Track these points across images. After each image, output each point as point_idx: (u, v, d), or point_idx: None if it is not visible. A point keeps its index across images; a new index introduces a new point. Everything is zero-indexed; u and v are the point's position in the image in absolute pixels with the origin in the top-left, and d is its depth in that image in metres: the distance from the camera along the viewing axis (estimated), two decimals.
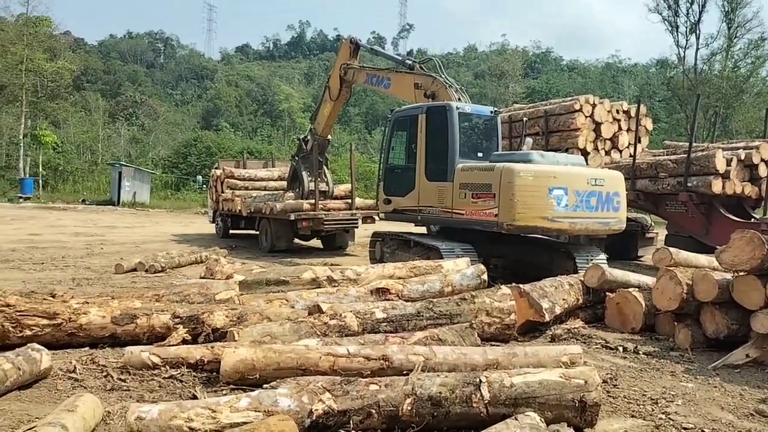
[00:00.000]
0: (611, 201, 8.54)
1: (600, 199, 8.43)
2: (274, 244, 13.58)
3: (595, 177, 8.48)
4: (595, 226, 8.54)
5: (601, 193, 8.43)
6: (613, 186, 8.63)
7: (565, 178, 8.21)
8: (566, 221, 8.21)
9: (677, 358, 5.57)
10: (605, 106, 13.07)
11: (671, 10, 40.95)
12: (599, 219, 8.48)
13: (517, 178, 7.95)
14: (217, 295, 6.12)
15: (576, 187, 8.24)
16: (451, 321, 5.41)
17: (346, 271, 6.81)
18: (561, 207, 8.12)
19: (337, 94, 12.95)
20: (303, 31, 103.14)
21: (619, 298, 6.66)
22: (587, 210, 8.34)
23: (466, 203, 8.61)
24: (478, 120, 9.64)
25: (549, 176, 8.14)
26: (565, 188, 8.16)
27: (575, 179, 8.30)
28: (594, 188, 8.37)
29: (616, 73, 73.48)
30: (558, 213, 8.12)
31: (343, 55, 12.96)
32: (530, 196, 8.03)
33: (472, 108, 9.65)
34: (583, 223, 8.38)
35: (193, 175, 37.25)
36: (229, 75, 74.89)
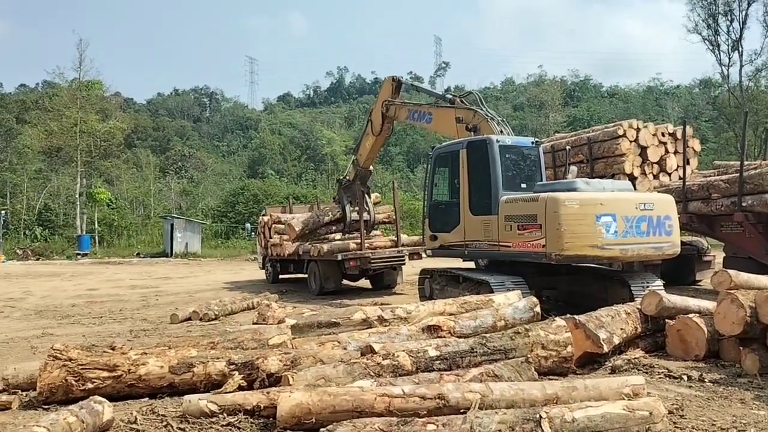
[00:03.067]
0: (663, 225, 8.36)
1: (651, 224, 8.26)
2: (323, 285, 13.66)
3: (644, 201, 8.33)
4: (647, 251, 8.32)
5: (652, 218, 8.27)
6: (664, 209, 8.45)
7: (612, 205, 8.06)
8: (617, 248, 8.04)
9: (746, 385, 5.32)
10: (650, 129, 12.87)
11: (711, 29, 40.44)
12: (651, 244, 8.28)
13: (563, 207, 7.84)
14: (270, 340, 6.16)
15: (624, 212, 8.08)
16: (506, 356, 5.32)
17: (396, 309, 6.79)
18: (610, 234, 7.97)
19: (379, 129, 13.08)
20: (342, 76, 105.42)
21: (680, 324, 6.44)
22: (638, 235, 8.15)
23: (513, 235, 8.52)
24: (519, 151, 9.59)
25: (595, 203, 8.01)
26: (613, 215, 8.01)
27: (623, 205, 8.15)
28: (644, 213, 8.21)
29: (659, 96, 72.42)
30: (608, 240, 7.97)
31: (385, 92, 13.09)
32: (577, 225, 7.91)
33: (513, 140, 9.66)
34: (635, 249, 8.17)
35: (241, 223, 37.98)
36: (272, 124, 76.79)
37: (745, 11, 39.48)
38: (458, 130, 10.56)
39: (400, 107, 12.57)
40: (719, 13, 40.16)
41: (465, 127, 10.41)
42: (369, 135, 13.50)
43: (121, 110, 52.29)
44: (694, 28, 41.03)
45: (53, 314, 11.50)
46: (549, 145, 13.85)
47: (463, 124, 10.46)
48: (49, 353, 5.13)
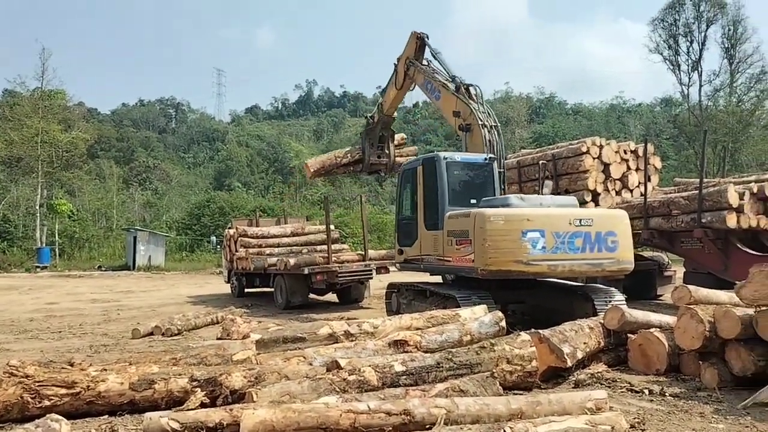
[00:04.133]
0: (604, 241, 8.32)
1: (587, 240, 8.24)
2: (289, 300, 13.55)
3: (580, 217, 8.31)
4: (582, 267, 8.32)
5: (589, 234, 8.25)
6: (606, 225, 8.40)
7: (540, 220, 8.15)
8: (544, 264, 8.11)
9: (705, 399, 5.43)
10: (612, 146, 13.16)
11: (672, 50, 41.61)
12: (588, 260, 8.26)
13: (488, 223, 8.02)
14: (234, 355, 6.09)
15: (555, 228, 8.14)
16: (472, 371, 5.33)
17: (363, 324, 6.75)
18: (537, 250, 8.06)
19: (401, 84, 12.95)
20: (310, 89, 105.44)
21: (642, 339, 6.55)
22: (571, 251, 8.18)
23: (452, 250, 8.75)
24: (471, 168, 9.83)
25: (522, 219, 8.12)
26: (541, 230, 8.09)
27: (553, 221, 8.20)
28: (579, 229, 8.21)
29: (622, 114, 74.02)
30: (534, 256, 8.05)
31: (410, 49, 12.73)
32: (502, 240, 8.03)
33: (463, 156, 9.93)
34: (567, 265, 8.20)
35: (206, 236, 37.52)
36: (239, 136, 76.29)
37: (704, 33, 40.77)
38: (455, 123, 10.80)
39: (418, 71, 12.33)
40: (679, 34, 41.38)
41: (460, 124, 10.59)
42: (392, 86, 13.38)
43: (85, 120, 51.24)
44: (655, 48, 42.20)
45: (10, 329, 11.17)
46: (515, 161, 14.06)
47: (459, 119, 10.60)
48: (5, 370, 4.98)
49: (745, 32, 40.16)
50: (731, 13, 40.36)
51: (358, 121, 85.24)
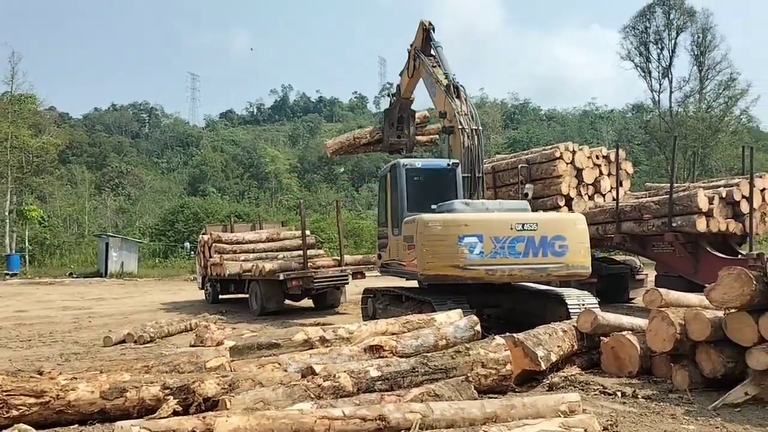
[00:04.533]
0: (550, 246, 8.29)
1: (531, 245, 8.24)
2: (264, 306, 13.44)
3: (523, 222, 8.32)
4: (524, 272, 8.33)
5: (533, 238, 8.25)
6: (553, 230, 8.37)
7: (478, 226, 8.21)
8: (482, 269, 8.17)
9: (677, 400, 5.51)
10: (585, 152, 13.33)
11: (643, 57, 42.35)
12: (531, 265, 8.26)
13: (426, 228, 8.16)
14: (207, 362, 6.02)
15: (494, 233, 8.19)
16: (447, 375, 5.35)
17: (338, 329, 6.73)
18: (475, 255, 8.12)
19: (412, 72, 12.72)
20: (286, 94, 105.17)
21: (614, 342, 6.63)
22: (511, 256, 8.21)
23: (406, 254, 8.94)
24: (431, 174, 9.95)
25: (459, 224, 8.20)
26: (479, 235, 8.16)
27: (493, 225, 8.26)
28: (521, 233, 8.23)
29: (594, 120, 75.07)
30: (471, 261, 8.13)
31: (418, 38, 12.48)
32: (439, 245, 8.16)
33: (424, 163, 10.17)
34: (506, 269, 8.23)
35: (180, 242, 37.10)
36: (214, 141, 75.75)
37: (674, 40, 41.56)
38: (442, 123, 10.86)
39: (422, 65, 12.10)
40: (650, 41, 42.12)
41: (444, 125, 10.59)
42: (405, 73, 13.15)
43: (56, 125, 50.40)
44: (626, 55, 42.91)
45: None
46: (490, 166, 14.15)
47: (446, 120, 10.58)
48: None
49: (713, 40, 41.06)
50: (700, 21, 41.26)
51: (334, 126, 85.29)
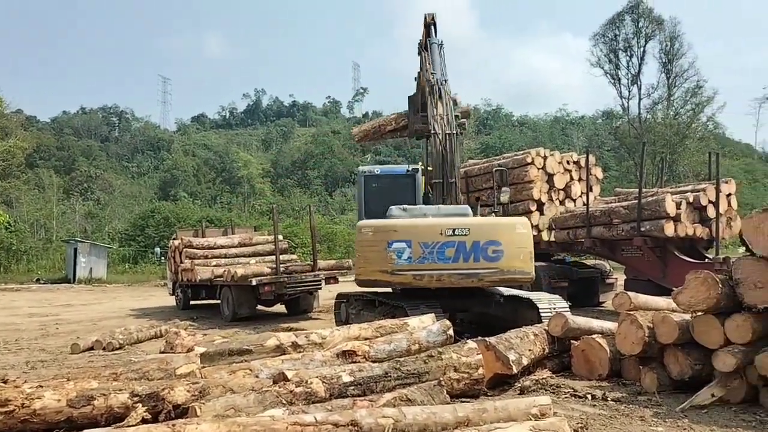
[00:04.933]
0: (483, 251, 8.27)
1: (461, 250, 8.26)
2: (236, 311, 13.32)
3: (454, 227, 8.34)
4: (453, 278, 8.36)
5: (464, 243, 8.26)
6: (486, 235, 8.33)
7: (407, 231, 8.33)
8: (409, 274, 8.30)
9: (645, 403, 5.59)
10: (556, 157, 13.50)
11: (612, 64, 43.11)
12: (460, 270, 8.28)
13: (360, 234, 8.43)
14: (177, 369, 5.93)
15: (423, 239, 8.28)
16: (420, 379, 5.35)
17: (311, 335, 6.69)
18: (403, 260, 8.26)
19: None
20: (259, 98, 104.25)
21: (584, 345, 6.70)
22: (440, 261, 8.28)
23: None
24: (391, 180, 10.11)
25: (389, 230, 8.36)
26: (408, 241, 8.28)
27: (422, 231, 8.35)
28: (450, 239, 8.27)
29: (565, 126, 76.04)
30: (399, 266, 8.26)
31: (424, 31, 12.22)
32: (370, 251, 8.40)
33: (383, 169, 10.44)
34: (434, 275, 8.31)
35: (151, 248, 36.61)
36: (185, 145, 74.88)
37: (643, 48, 42.42)
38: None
39: (425, 59, 11.81)
40: (619, 49, 42.91)
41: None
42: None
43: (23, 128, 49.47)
44: (596, 62, 43.65)
45: None
46: (462, 171, 14.22)
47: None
48: None
49: (681, 48, 42.00)
50: (668, 30, 42.17)
51: (307, 131, 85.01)
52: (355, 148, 72.37)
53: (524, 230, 8.49)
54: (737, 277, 5.54)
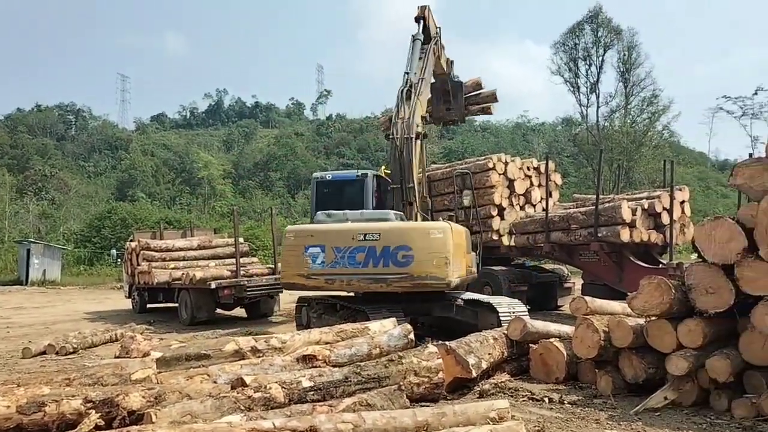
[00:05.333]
0: (393, 256, 8.30)
1: (371, 255, 8.34)
2: (194, 315, 13.11)
3: (365, 232, 8.42)
4: (362, 282, 8.47)
5: (374, 248, 8.33)
6: (397, 240, 8.35)
7: (322, 236, 8.56)
8: (322, 278, 8.51)
9: (601, 406, 5.69)
10: (517, 163, 13.69)
11: (572, 72, 43.96)
12: (369, 275, 8.37)
13: (284, 239, 8.73)
14: (132, 374, 5.80)
15: (336, 243, 8.44)
16: (380, 384, 5.35)
17: (270, 339, 6.62)
18: (317, 264, 8.46)
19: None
20: (221, 98, 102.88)
21: (542, 349, 6.80)
22: (351, 266, 8.39)
23: None
24: (341, 185, 10.32)
25: (306, 235, 8.66)
26: (322, 245, 8.48)
27: (336, 236, 8.52)
28: (362, 244, 8.37)
29: (526, 132, 77.16)
30: (313, 270, 8.49)
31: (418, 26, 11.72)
32: (291, 255, 8.71)
33: (334, 175, 10.78)
34: (344, 279, 8.47)
35: (107, 249, 35.83)
36: (144, 144, 73.48)
37: (602, 57, 43.39)
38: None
39: (429, 53, 11.42)
40: (579, 58, 43.78)
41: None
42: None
43: None
44: (557, 70, 44.47)
45: None
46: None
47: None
48: None
49: (638, 58, 43.11)
50: (626, 40, 43.22)
51: (270, 132, 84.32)
52: (319, 151, 72.23)
53: (439, 235, 8.36)
54: (689, 283, 5.69)
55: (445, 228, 8.52)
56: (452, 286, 8.54)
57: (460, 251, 8.96)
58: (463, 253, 9.23)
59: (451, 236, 8.45)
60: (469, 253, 9.77)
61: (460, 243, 9.01)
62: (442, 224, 8.73)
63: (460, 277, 8.89)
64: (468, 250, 9.76)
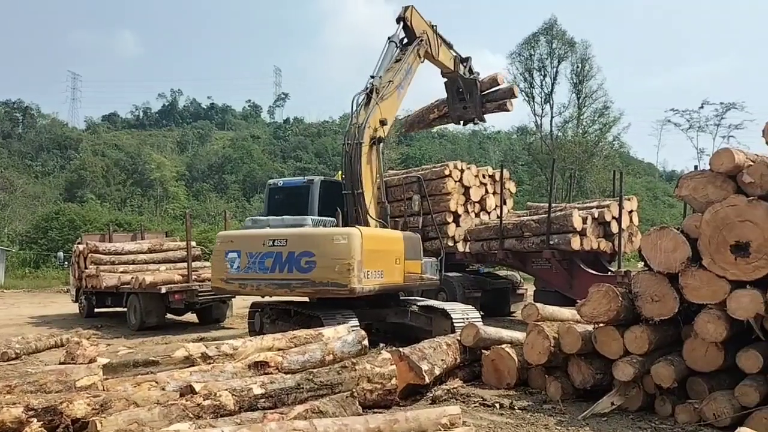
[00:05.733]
0: (296, 262, 8.39)
1: (278, 260, 8.48)
2: (144, 320, 12.82)
3: (274, 238, 8.61)
4: (269, 288, 8.70)
5: (281, 254, 8.46)
6: (301, 246, 8.44)
7: (239, 242, 8.96)
8: (236, 283, 8.90)
9: (550, 411, 5.79)
10: (472, 171, 13.85)
11: (527, 83, 44.75)
12: (275, 280, 8.55)
13: (215, 244, 9.17)
14: (78, 381, 5.63)
15: (249, 249, 8.74)
16: (333, 391, 5.32)
17: (222, 345, 6.51)
18: (234, 269, 8.81)
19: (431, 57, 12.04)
20: (175, 99, 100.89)
21: (494, 354, 6.87)
22: (260, 271, 8.63)
23: None
24: (290, 191, 10.48)
25: (227, 240, 9.08)
26: (238, 251, 8.81)
27: (250, 242, 8.85)
28: (271, 249, 8.57)
29: (482, 140, 78.15)
30: (231, 275, 8.88)
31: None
32: (216, 260, 9.22)
33: (285, 181, 11.14)
34: (254, 284, 8.77)
35: (54, 251, 34.76)
36: (95, 144, 71.60)
37: (556, 68, 44.35)
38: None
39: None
40: (534, 68, 44.67)
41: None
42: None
43: None
44: (512, 80, 45.14)
45: None
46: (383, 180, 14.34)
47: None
48: None
49: (591, 70, 44.23)
50: (580, 52, 44.31)
51: (226, 134, 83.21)
52: (275, 154, 71.66)
53: (343, 241, 8.26)
54: (636, 291, 5.85)
55: (351, 234, 8.36)
56: (358, 293, 8.36)
57: (380, 257, 8.68)
58: (392, 260, 9.00)
59: (360, 242, 8.26)
60: (417, 260, 9.55)
61: (379, 249, 8.72)
62: (349, 230, 8.54)
63: (382, 284, 8.71)
64: (414, 256, 9.51)
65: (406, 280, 9.29)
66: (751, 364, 5.23)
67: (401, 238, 9.40)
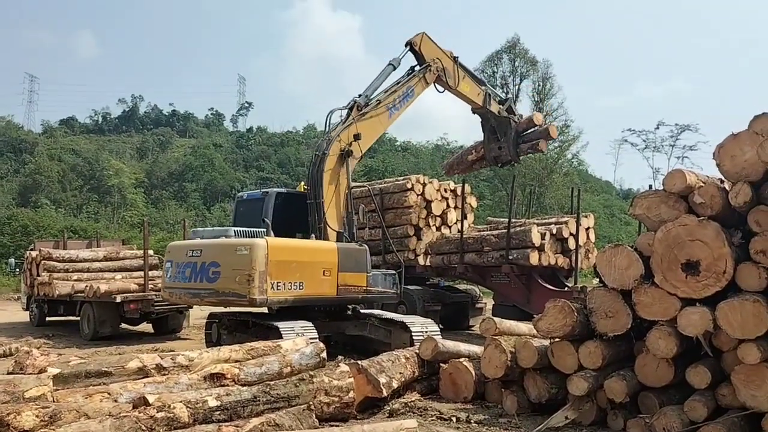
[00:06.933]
0: (206, 271, 8.61)
1: (194, 270, 8.78)
2: (97, 330, 12.52)
3: (193, 248, 9.00)
4: (186, 296, 9.19)
5: (196, 264, 8.78)
6: (210, 256, 8.64)
7: (173, 252, 9.44)
8: (167, 291, 9.43)
9: (506, 425, 5.85)
10: (434, 185, 13.97)
11: None
12: (191, 290, 8.92)
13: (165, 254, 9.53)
14: (26, 392, 5.45)
15: (178, 259, 9.15)
16: (289, 404, 5.28)
17: (177, 357, 6.41)
18: (168, 278, 9.27)
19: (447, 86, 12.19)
20: (136, 104, 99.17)
21: (452, 368, 6.92)
22: (183, 281, 8.97)
23: None
24: (251, 203, 10.75)
25: (168, 251, 9.55)
26: (171, 261, 9.28)
27: (178, 252, 9.27)
28: (190, 259, 8.91)
29: (445, 154, 78.60)
30: (167, 284, 9.38)
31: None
32: (163, 269, 9.75)
33: (249, 193, 11.36)
34: (177, 293, 9.25)
35: (5, 258, 33.72)
36: (51, 148, 69.80)
37: (518, 86, 45.09)
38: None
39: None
40: (497, 85, 45.25)
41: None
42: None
43: None
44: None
45: None
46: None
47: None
48: None
49: (552, 88, 45.05)
50: (541, 71, 45.09)
51: (187, 141, 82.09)
52: (238, 163, 70.94)
53: (245, 252, 8.28)
54: (590, 306, 5.97)
55: (254, 244, 8.34)
56: (260, 305, 8.43)
57: (297, 268, 8.65)
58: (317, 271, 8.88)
59: (265, 253, 8.24)
60: (359, 272, 9.40)
61: (294, 260, 8.66)
62: (253, 240, 8.52)
63: (301, 296, 8.69)
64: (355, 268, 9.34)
65: (341, 292, 9.11)
66: (700, 380, 5.38)
67: (333, 249, 9.21)
